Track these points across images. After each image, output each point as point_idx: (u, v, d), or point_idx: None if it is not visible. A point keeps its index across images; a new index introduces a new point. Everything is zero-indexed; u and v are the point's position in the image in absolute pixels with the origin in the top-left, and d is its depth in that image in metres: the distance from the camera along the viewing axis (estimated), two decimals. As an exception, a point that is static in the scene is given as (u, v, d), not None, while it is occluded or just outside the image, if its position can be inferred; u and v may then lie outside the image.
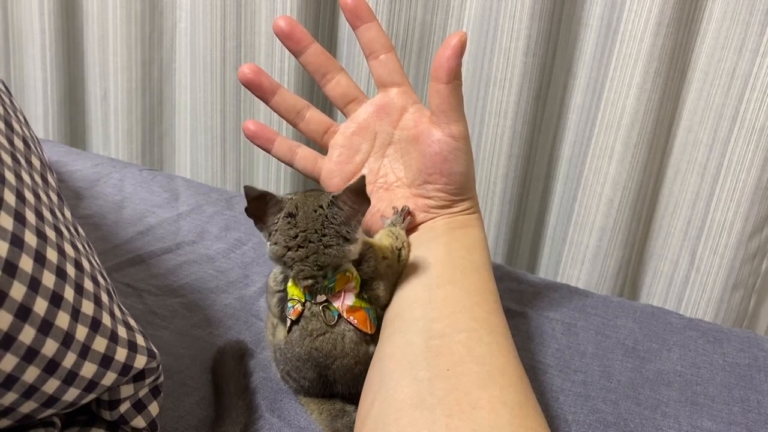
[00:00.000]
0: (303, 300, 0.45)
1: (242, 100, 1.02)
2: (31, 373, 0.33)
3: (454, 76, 0.48)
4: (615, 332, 0.61)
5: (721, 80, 0.80)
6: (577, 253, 0.92)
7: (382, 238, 0.49)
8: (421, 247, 0.50)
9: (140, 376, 0.40)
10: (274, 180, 1.04)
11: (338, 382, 0.46)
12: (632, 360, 0.57)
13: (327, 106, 0.97)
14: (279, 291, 0.48)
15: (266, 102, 0.55)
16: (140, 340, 0.40)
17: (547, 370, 0.55)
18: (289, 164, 0.57)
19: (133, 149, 1.12)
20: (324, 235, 0.44)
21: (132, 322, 0.41)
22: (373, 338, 0.47)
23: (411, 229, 0.53)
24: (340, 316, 0.45)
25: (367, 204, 0.44)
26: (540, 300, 0.66)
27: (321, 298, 0.45)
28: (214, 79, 1.01)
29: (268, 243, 0.45)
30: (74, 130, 1.18)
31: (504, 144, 0.89)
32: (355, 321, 0.45)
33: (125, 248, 0.67)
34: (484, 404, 0.38)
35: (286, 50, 0.93)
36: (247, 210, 0.45)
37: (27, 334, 0.32)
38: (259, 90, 0.54)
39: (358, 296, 0.46)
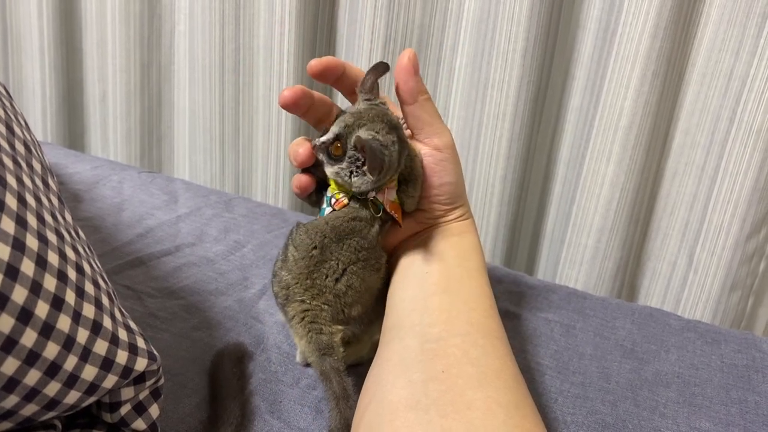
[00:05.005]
0: (349, 195, 0.49)
1: (241, 102, 1.02)
2: (32, 376, 0.33)
3: (418, 94, 0.49)
4: (613, 334, 0.61)
5: (719, 82, 0.80)
6: (576, 254, 0.92)
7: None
8: (418, 256, 0.51)
9: (141, 378, 0.40)
10: (272, 182, 1.05)
11: (329, 260, 0.48)
12: (630, 361, 0.58)
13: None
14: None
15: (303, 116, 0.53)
16: (141, 342, 0.40)
17: (546, 372, 0.56)
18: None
19: (132, 151, 1.12)
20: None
21: (132, 325, 0.41)
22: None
23: (408, 238, 0.53)
24: (384, 210, 0.49)
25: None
26: (538, 301, 0.66)
27: (372, 194, 0.48)
28: (212, 81, 1.01)
29: None
30: (73, 133, 1.18)
31: (502, 146, 0.89)
32: (396, 215, 0.49)
33: (125, 250, 0.67)
34: (479, 405, 0.38)
35: (285, 52, 0.94)
36: None
37: (28, 338, 0.32)
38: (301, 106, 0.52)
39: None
